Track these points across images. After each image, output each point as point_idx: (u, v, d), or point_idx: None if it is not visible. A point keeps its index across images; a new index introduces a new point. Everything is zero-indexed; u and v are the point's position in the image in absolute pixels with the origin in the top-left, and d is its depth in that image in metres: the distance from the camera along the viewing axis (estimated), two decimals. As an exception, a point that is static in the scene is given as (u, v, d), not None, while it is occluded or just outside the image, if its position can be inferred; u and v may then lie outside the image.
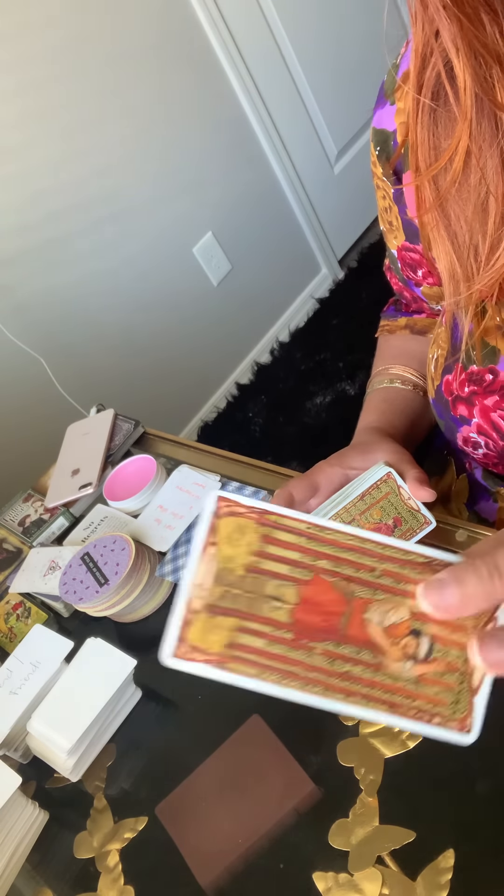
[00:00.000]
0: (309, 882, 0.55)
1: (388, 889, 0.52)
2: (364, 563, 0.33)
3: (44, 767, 0.75)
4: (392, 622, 0.33)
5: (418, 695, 0.32)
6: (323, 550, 0.33)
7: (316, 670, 0.32)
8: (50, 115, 1.81)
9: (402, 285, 0.75)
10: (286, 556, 0.33)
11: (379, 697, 0.32)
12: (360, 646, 0.32)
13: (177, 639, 0.31)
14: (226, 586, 0.32)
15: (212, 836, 0.62)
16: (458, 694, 0.33)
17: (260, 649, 0.32)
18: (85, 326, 1.99)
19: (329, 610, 0.33)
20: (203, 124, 2.12)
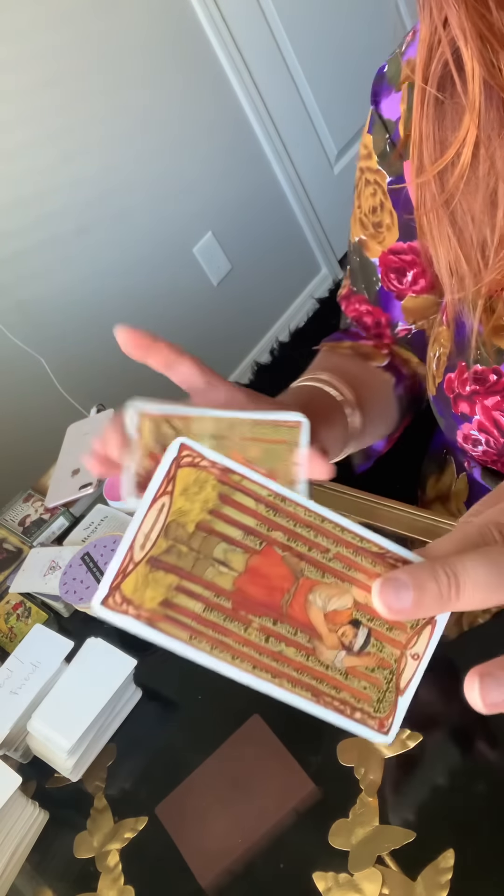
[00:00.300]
0: (309, 882, 0.55)
1: (388, 889, 0.52)
2: (319, 542, 0.32)
3: (44, 767, 0.75)
4: (334, 608, 0.32)
5: (345, 686, 0.31)
6: (279, 522, 0.32)
7: (249, 644, 0.30)
8: (50, 114, 1.81)
9: (371, 306, 0.70)
10: (241, 521, 0.31)
11: (306, 683, 0.31)
12: (298, 627, 0.31)
13: (109, 587, 0.29)
14: (172, 541, 0.30)
15: (212, 836, 0.62)
16: (384, 693, 0.32)
17: (195, 613, 0.30)
18: (85, 326, 1.99)
19: (274, 584, 0.31)
20: (203, 124, 2.12)
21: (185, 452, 0.31)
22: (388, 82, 0.59)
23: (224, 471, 0.31)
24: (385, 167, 0.60)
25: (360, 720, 0.31)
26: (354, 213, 0.66)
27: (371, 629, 0.32)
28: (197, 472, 0.31)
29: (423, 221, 0.54)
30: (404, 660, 0.32)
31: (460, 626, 0.62)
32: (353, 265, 0.70)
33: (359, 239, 0.66)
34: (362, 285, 0.69)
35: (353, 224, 0.67)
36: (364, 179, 0.63)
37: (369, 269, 0.67)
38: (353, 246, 0.68)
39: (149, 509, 0.30)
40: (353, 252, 0.68)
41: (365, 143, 0.62)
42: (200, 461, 0.31)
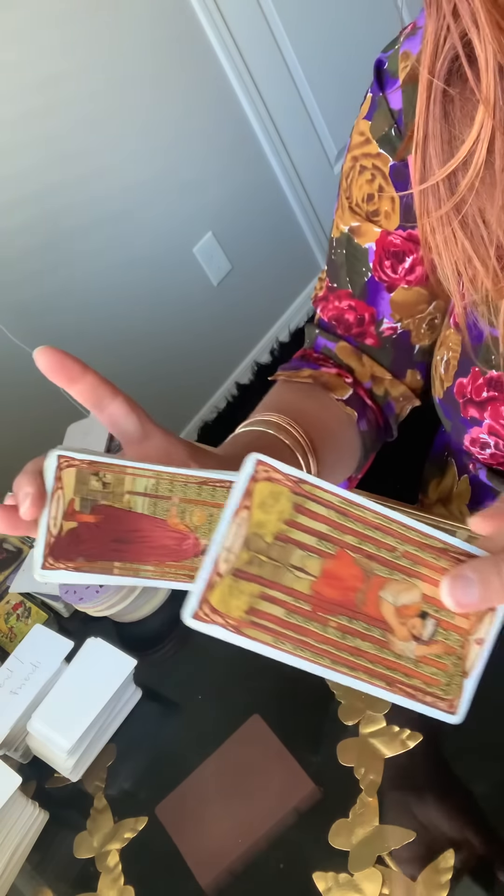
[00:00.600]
0: (309, 882, 0.55)
1: (388, 889, 0.52)
2: (386, 542, 0.34)
3: (44, 767, 0.75)
4: (404, 603, 0.34)
5: (416, 673, 0.34)
6: (350, 526, 0.34)
7: (328, 642, 0.33)
8: (50, 115, 1.81)
9: (356, 300, 0.65)
10: (315, 528, 0.34)
11: (380, 673, 0.33)
12: (372, 623, 0.34)
13: (199, 600, 0.31)
14: (253, 552, 0.33)
15: (212, 836, 0.62)
16: (452, 676, 0.34)
17: (278, 618, 0.32)
18: (85, 326, 1.99)
19: (348, 585, 0.34)
20: (203, 124, 2.12)
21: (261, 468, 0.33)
22: (391, 75, 0.57)
23: (297, 482, 0.33)
24: (389, 151, 0.58)
25: (431, 703, 0.34)
26: (342, 206, 0.63)
27: (438, 619, 0.34)
28: (272, 486, 0.33)
29: (427, 228, 0.51)
30: (468, 645, 0.35)
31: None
32: (335, 260, 0.66)
33: (350, 227, 0.63)
34: (346, 279, 0.65)
35: (339, 216, 0.64)
36: (358, 167, 0.60)
37: (358, 259, 0.63)
38: (339, 238, 0.65)
39: (229, 525, 0.32)
40: (338, 245, 0.65)
41: (361, 129, 0.59)
42: (275, 475, 0.33)
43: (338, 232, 0.65)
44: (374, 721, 0.61)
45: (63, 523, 0.39)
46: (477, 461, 0.67)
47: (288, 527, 0.33)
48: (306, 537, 0.33)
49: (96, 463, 0.40)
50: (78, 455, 0.39)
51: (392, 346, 0.67)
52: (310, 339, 0.72)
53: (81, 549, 0.39)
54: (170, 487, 0.41)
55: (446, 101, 0.47)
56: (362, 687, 0.33)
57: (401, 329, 0.65)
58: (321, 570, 0.33)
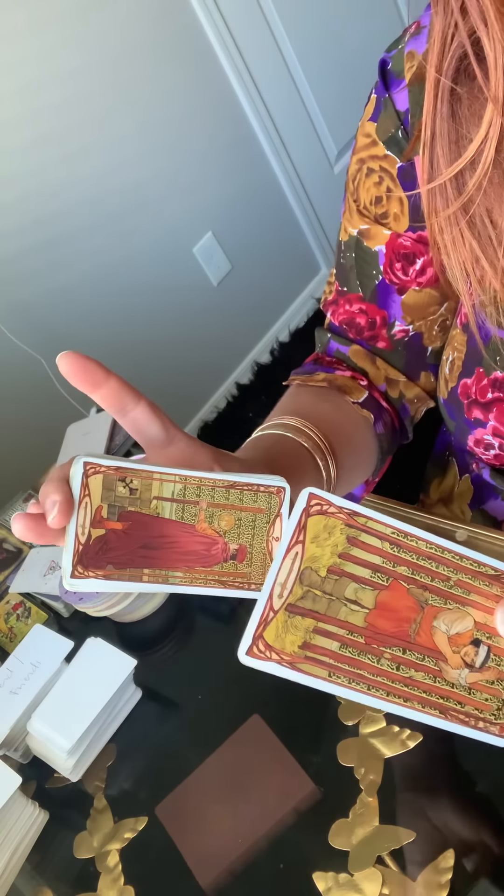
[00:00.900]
0: (309, 882, 0.55)
1: (388, 889, 0.52)
2: (440, 572, 0.34)
3: (44, 767, 0.75)
4: (457, 631, 0.34)
5: (469, 700, 0.34)
6: (403, 557, 0.34)
7: (382, 674, 0.33)
8: (50, 115, 1.81)
9: (367, 304, 0.65)
10: (369, 560, 0.34)
11: (434, 702, 0.33)
12: (425, 653, 0.34)
13: (253, 638, 0.31)
14: (307, 587, 0.33)
15: (212, 836, 0.62)
16: (502, 701, 0.34)
17: (332, 651, 0.32)
18: (85, 326, 1.99)
19: (402, 616, 0.34)
20: (203, 124, 2.12)
21: (315, 501, 0.33)
22: (396, 76, 0.56)
23: (350, 514, 0.33)
24: (396, 152, 0.57)
25: (483, 728, 0.34)
26: (349, 209, 0.63)
27: (490, 646, 0.35)
28: (325, 519, 0.33)
29: (435, 227, 0.51)
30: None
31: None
32: (344, 264, 0.66)
33: (358, 230, 0.62)
34: (356, 282, 0.65)
35: (346, 220, 0.64)
36: (365, 169, 0.60)
37: (368, 262, 0.63)
38: (347, 242, 0.64)
39: (283, 559, 0.32)
40: (347, 249, 0.65)
41: (367, 131, 0.59)
42: (328, 508, 0.33)
43: (346, 235, 0.64)
44: (374, 721, 0.61)
45: (91, 531, 0.38)
46: (480, 461, 0.66)
47: (342, 560, 0.33)
48: (360, 570, 0.34)
49: (123, 469, 0.39)
50: (104, 461, 0.38)
51: (404, 348, 0.66)
52: (321, 343, 0.72)
53: (110, 556, 0.38)
54: (197, 492, 0.40)
55: (454, 100, 0.46)
56: (416, 716, 0.33)
57: (413, 331, 0.65)
58: (375, 602, 0.34)
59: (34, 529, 0.38)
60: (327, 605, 0.33)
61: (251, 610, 0.32)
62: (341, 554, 0.33)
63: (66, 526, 0.37)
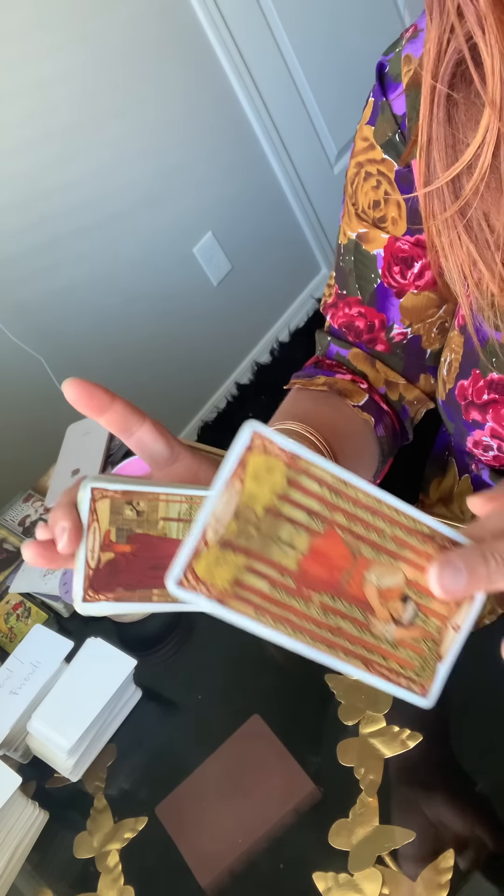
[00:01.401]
0: (309, 882, 0.55)
1: (388, 889, 0.52)
2: (376, 524, 0.34)
3: (44, 767, 0.75)
4: (387, 585, 0.34)
5: (393, 656, 0.34)
6: (341, 505, 0.34)
7: (309, 620, 0.33)
8: (49, 115, 1.81)
9: (365, 307, 0.65)
10: (306, 504, 0.33)
11: (358, 654, 0.33)
12: (354, 603, 0.34)
13: (184, 568, 0.31)
14: (243, 523, 0.32)
15: (212, 836, 0.62)
16: (427, 660, 0.35)
17: (262, 591, 0.32)
18: (85, 326, 1.99)
19: (334, 564, 0.33)
20: (203, 124, 2.12)
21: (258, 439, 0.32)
22: (393, 80, 0.56)
23: (293, 457, 0.33)
24: (393, 156, 0.57)
25: (406, 686, 0.34)
26: (348, 212, 0.63)
27: (418, 603, 0.35)
28: (267, 459, 0.33)
29: (433, 230, 0.51)
30: (446, 630, 0.35)
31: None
32: (343, 267, 0.66)
33: (356, 234, 0.63)
34: (355, 286, 0.65)
35: (345, 223, 0.64)
36: (363, 173, 0.60)
37: (367, 266, 0.63)
38: (346, 245, 0.64)
39: (221, 494, 0.32)
40: (346, 252, 0.65)
41: (364, 135, 0.59)
42: (271, 447, 0.33)
43: (345, 238, 0.64)
44: (374, 721, 0.61)
45: (101, 555, 0.39)
46: (480, 462, 0.66)
47: (280, 501, 0.33)
48: (297, 512, 0.33)
49: (130, 492, 0.39)
50: (111, 486, 0.39)
51: (403, 351, 0.67)
52: (322, 346, 0.72)
53: (120, 579, 0.39)
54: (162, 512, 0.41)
55: (450, 105, 0.47)
56: (339, 666, 0.33)
57: (411, 334, 0.65)
58: (309, 546, 0.33)
59: (44, 556, 0.39)
60: (261, 544, 0.32)
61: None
62: (280, 495, 0.33)
63: (75, 551, 0.38)
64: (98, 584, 0.39)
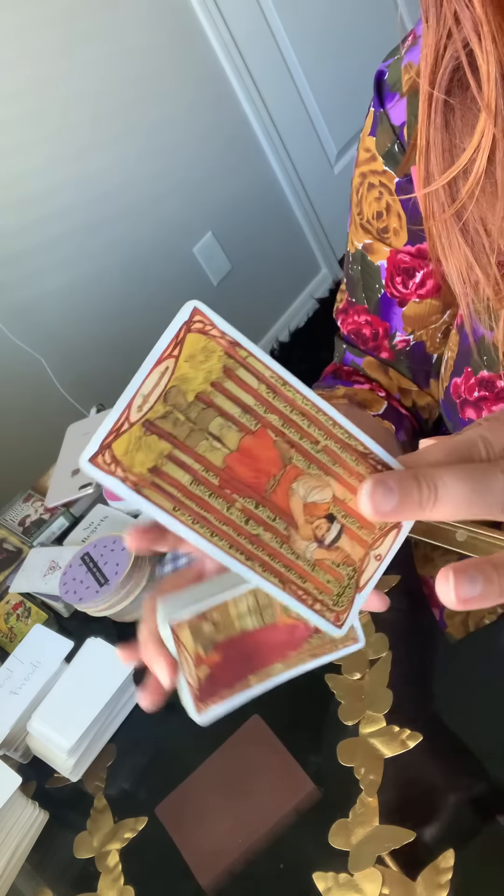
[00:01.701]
0: (309, 882, 0.55)
1: (388, 889, 0.52)
2: (310, 432, 0.32)
3: (44, 767, 0.75)
4: (314, 500, 0.32)
5: (311, 577, 0.32)
6: (277, 405, 0.32)
7: (229, 524, 0.30)
8: (50, 115, 1.81)
9: (371, 316, 0.67)
10: (241, 398, 0.31)
11: (275, 569, 0.31)
12: (278, 514, 0.32)
13: (100, 445, 0.28)
14: (171, 406, 0.30)
15: (212, 836, 0.62)
16: (344, 588, 0.33)
17: (182, 485, 0.30)
18: (85, 326, 1.99)
19: (262, 468, 0.31)
20: (203, 124, 2.12)
21: (198, 318, 0.30)
22: (391, 88, 0.57)
23: (232, 344, 0.31)
24: (392, 167, 0.58)
25: (319, 611, 0.32)
26: (354, 221, 0.64)
27: (343, 525, 0.33)
28: (206, 340, 0.30)
29: (433, 231, 0.52)
30: (367, 559, 0.33)
31: (466, 626, 0.62)
32: (352, 275, 0.67)
33: (362, 245, 0.64)
34: (362, 294, 0.67)
35: (352, 232, 0.65)
36: (367, 184, 0.61)
37: (372, 276, 0.65)
38: (354, 254, 0.65)
39: (151, 370, 0.29)
40: (354, 261, 0.66)
41: (366, 146, 0.60)
42: (211, 329, 0.30)
43: (353, 248, 0.66)
44: (374, 721, 0.61)
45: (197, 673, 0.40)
46: None
47: (213, 389, 0.30)
48: (230, 405, 0.31)
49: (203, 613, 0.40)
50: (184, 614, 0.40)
51: (406, 357, 0.68)
52: (339, 353, 0.74)
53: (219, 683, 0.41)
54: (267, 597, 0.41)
55: (447, 111, 0.47)
56: (254, 579, 0.31)
57: (414, 341, 0.67)
58: (238, 444, 0.31)
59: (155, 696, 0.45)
60: (188, 432, 0.30)
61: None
62: (214, 383, 0.30)
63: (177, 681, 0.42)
64: (204, 695, 0.41)
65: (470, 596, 0.30)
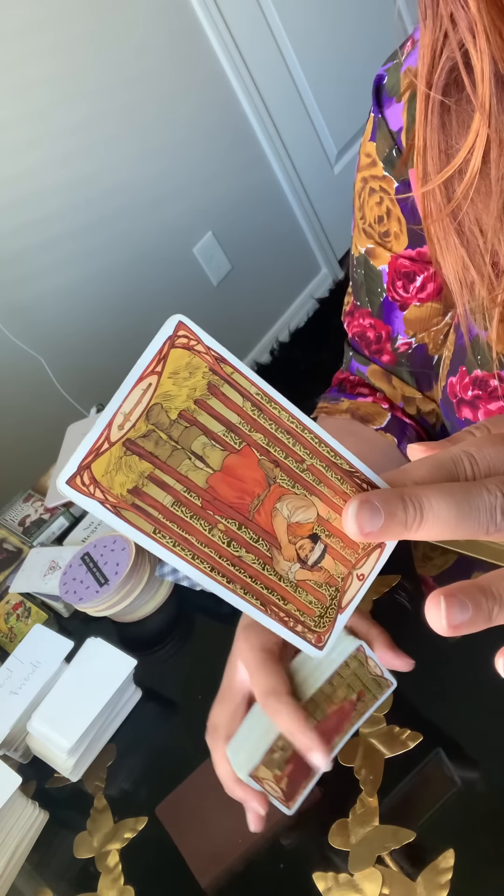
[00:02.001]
0: (309, 882, 0.55)
1: (388, 889, 0.52)
2: (295, 451, 0.32)
3: (44, 767, 0.75)
4: (298, 520, 0.32)
5: (293, 599, 0.32)
6: (262, 423, 0.31)
7: (211, 545, 0.30)
8: (50, 115, 1.81)
9: (374, 319, 0.68)
10: (225, 416, 0.30)
11: (257, 591, 0.31)
12: (261, 535, 0.31)
13: (78, 466, 0.27)
14: (153, 425, 0.29)
15: (212, 836, 0.62)
16: (327, 609, 0.33)
17: (163, 506, 0.29)
18: (85, 326, 1.99)
19: (246, 488, 0.31)
20: (203, 125, 2.12)
21: (182, 332, 0.29)
22: (389, 93, 0.57)
23: (218, 360, 0.30)
24: (391, 173, 0.59)
25: (301, 633, 0.32)
26: (357, 225, 0.64)
27: (327, 545, 0.32)
28: (190, 356, 0.29)
29: (431, 231, 0.52)
30: (350, 579, 0.33)
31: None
32: (356, 279, 0.68)
33: (366, 249, 0.64)
34: (366, 298, 0.67)
35: (356, 236, 0.65)
36: (368, 189, 0.61)
37: (374, 280, 0.65)
38: (358, 258, 0.66)
39: (133, 387, 0.28)
40: (357, 265, 0.66)
41: (367, 151, 0.60)
42: (196, 345, 0.29)
43: (357, 251, 0.66)
44: (374, 721, 0.61)
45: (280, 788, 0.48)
46: None
47: (197, 407, 0.29)
48: (214, 424, 0.30)
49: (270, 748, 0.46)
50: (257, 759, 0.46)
51: (408, 360, 0.68)
52: (346, 360, 0.75)
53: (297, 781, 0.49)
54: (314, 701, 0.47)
55: (443, 112, 0.48)
56: (236, 602, 0.30)
57: (416, 343, 0.67)
58: (222, 463, 0.30)
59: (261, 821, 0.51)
60: (170, 452, 0.29)
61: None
62: (198, 400, 0.29)
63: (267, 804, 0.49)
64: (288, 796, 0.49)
65: (460, 622, 0.29)
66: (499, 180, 0.46)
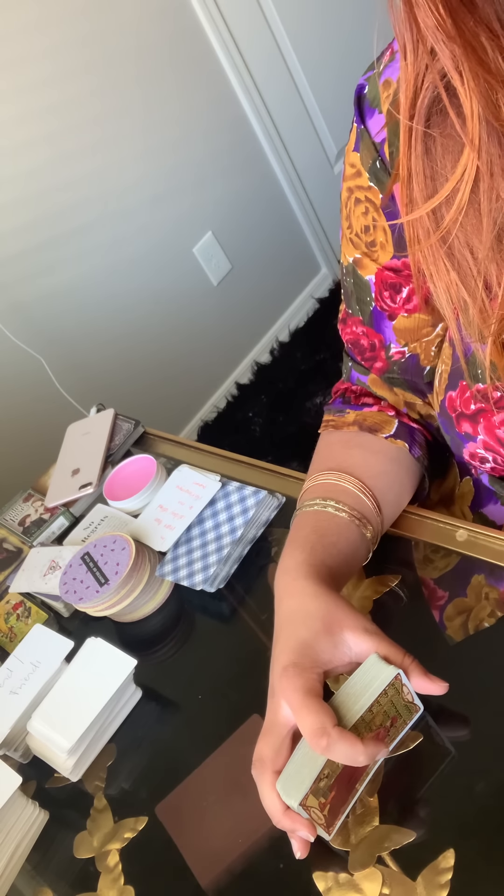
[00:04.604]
0: (309, 882, 0.55)
1: (388, 889, 0.52)
2: None
3: (44, 767, 0.75)
4: None
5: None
6: None
7: None
8: (50, 115, 1.81)
9: (366, 327, 0.68)
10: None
11: None
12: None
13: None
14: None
15: (212, 836, 0.62)
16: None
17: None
18: (85, 326, 1.99)
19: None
20: (203, 124, 2.12)
21: None
22: (371, 104, 0.57)
23: None
24: (376, 183, 0.59)
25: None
26: (344, 234, 0.64)
27: None
28: None
29: (419, 257, 0.52)
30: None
31: (466, 629, 0.62)
32: (346, 288, 0.68)
33: (353, 259, 0.64)
34: (357, 307, 0.67)
35: (344, 246, 0.65)
36: (354, 199, 0.61)
37: (363, 289, 0.65)
38: (347, 267, 0.66)
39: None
40: (347, 274, 0.66)
41: (352, 161, 0.60)
42: None
43: (346, 260, 0.66)
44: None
45: (324, 815, 0.53)
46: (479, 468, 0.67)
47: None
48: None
49: (317, 777, 0.51)
50: (306, 789, 0.50)
51: (400, 368, 0.68)
52: (345, 371, 0.75)
53: (338, 807, 0.54)
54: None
55: (427, 139, 0.48)
56: None
57: (409, 353, 0.67)
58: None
59: (307, 847, 0.54)
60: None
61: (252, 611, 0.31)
62: None
63: None
64: (329, 822, 0.53)
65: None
66: (490, 211, 0.46)
